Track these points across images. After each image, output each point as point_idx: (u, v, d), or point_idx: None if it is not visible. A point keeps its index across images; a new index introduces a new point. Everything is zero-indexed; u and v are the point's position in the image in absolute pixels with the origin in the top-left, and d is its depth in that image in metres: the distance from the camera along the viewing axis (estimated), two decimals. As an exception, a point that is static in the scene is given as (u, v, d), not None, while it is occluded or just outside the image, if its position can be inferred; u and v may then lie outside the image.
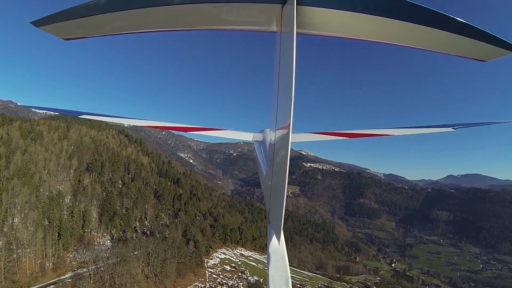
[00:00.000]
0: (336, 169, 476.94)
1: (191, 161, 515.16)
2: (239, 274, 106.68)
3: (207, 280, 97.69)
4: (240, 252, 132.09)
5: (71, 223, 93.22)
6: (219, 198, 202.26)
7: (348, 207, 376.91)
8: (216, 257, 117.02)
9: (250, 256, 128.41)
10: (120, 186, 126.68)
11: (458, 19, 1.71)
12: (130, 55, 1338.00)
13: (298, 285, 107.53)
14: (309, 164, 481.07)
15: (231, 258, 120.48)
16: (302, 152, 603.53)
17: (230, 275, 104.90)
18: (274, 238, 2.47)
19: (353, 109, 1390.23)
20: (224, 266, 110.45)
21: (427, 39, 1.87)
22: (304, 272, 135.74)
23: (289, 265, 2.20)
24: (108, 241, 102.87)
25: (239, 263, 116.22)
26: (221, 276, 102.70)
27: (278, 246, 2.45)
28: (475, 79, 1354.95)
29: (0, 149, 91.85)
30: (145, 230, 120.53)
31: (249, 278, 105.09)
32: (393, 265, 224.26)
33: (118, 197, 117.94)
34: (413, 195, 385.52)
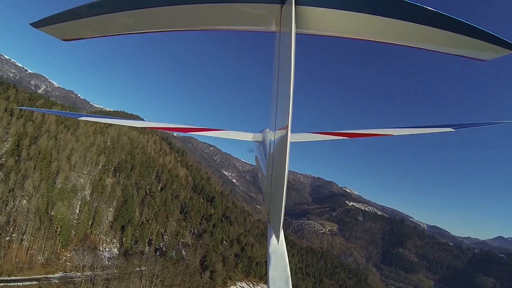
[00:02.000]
0: (378, 212, 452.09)
1: (234, 180, 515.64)
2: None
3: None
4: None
5: (78, 221, 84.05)
6: (253, 224, 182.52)
7: (385, 255, 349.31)
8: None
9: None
10: (145, 193, 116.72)
11: (458, 18, 1.67)
12: (130, 56, 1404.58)
13: None
14: (351, 203, 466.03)
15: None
16: (347, 190, 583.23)
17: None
18: (274, 238, 2.43)
19: (352, 108, 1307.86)
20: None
21: (427, 39, 1.84)
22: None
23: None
24: (116, 249, 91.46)
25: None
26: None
27: (277, 246, 2.40)
28: (475, 79, 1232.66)
29: (29, 129, 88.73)
30: (161, 246, 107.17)
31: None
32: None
33: (139, 205, 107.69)
34: (458, 254, 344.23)
